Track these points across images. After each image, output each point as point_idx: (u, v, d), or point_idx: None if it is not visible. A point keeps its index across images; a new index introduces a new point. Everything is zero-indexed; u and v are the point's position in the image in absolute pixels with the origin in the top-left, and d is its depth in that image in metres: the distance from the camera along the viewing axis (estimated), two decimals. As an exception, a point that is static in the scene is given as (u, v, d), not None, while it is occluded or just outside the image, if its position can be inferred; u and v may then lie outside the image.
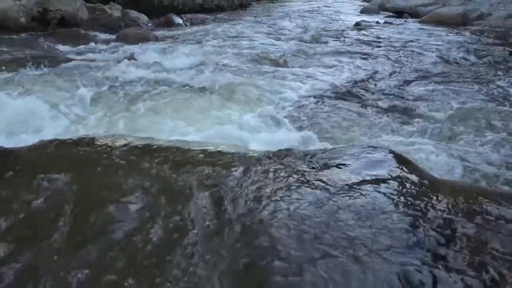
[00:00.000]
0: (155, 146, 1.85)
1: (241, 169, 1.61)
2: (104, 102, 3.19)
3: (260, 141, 2.54)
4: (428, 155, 2.47)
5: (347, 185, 1.48)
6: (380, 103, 3.60)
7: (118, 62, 4.67)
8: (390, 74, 4.71)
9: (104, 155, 1.73)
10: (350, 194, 1.42)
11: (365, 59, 5.56)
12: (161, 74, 4.24)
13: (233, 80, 3.93)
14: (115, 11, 9.48)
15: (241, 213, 1.31)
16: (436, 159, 2.41)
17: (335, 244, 1.16)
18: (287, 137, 2.70)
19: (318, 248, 1.15)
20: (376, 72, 4.83)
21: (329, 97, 3.73)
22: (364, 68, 5.02)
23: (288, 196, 1.41)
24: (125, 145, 1.84)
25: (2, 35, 6.82)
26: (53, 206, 1.37)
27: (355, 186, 1.47)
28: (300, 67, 4.93)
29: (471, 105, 3.47)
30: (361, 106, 3.49)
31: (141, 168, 1.63)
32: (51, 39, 6.44)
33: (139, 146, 1.84)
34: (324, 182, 1.51)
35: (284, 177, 1.55)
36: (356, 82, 4.31)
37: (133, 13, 9.58)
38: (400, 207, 1.36)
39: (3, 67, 4.02)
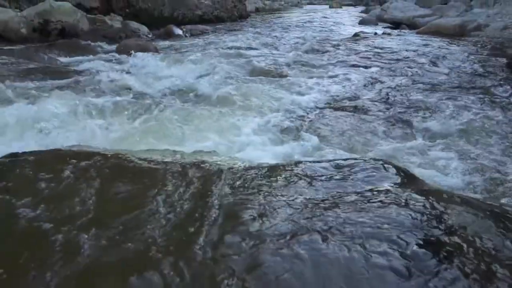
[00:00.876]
0: (163, 157, 1.84)
1: (248, 181, 1.63)
2: (111, 112, 3.18)
3: (269, 152, 2.54)
4: (436, 167, 2.46)
5: (348, 198, 1.48)
6: (384, 113, 3.60)
7: (120, 72, 4.68)
8: (391, 85, 4.73)
9: (114, 165, 1.72)
10: (351, 207, 1.41)
11: (365, 69, 5.59)
12: (164, 84, 4.25)
13: (238, 90, 3.93)
14: (116, 22, 9.56)
15: (245, 218, 1.37)
16: (445, 171, 2.41)
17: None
18: (294, 147, 2.70)
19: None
20: (376, 82, 4.85)
21: (334, 108, 3.74)
22: (365, 78, 5.04)
23: (288, 203, 1.44)
24: (131, 158, 1.83)
25: (2, 45, 6.84)
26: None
27: (355, 199, 1.47)
28: (302, 77, 4.95)
29: (474, 115, 3.47)
30: (365, 117, 3.49)
31: (148, 176, 1.62)
32: (52, 49, 6.45)
33: (148, 158, 1.83)
34: (325, 193, 1.52)
35: (286, 188, 1.58)
36: (358, 92, 4.33)
37: (133, 24, 9.65)
38: (399, 219, 1.34)
39: (8, 77, 4.01)
